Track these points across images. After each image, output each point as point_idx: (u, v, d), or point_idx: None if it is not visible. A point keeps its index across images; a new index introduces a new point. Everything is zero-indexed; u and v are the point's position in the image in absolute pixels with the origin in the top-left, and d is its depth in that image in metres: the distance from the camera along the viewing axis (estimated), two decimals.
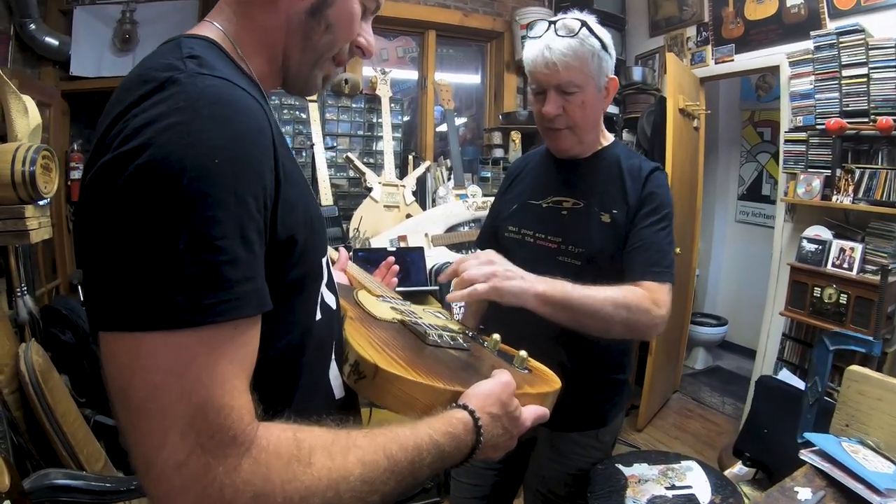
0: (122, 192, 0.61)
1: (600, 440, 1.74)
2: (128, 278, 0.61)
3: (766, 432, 2.67)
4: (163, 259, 0.60)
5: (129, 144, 0.62)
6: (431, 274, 3.25)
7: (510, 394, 0.91)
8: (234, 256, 0.64)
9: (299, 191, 0.81)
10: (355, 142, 4.12)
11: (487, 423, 0.85)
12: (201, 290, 0.61)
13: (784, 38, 3.61)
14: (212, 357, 0.62)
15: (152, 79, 0.68)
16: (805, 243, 3.31)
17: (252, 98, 0.72)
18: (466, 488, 1.89)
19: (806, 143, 3.45)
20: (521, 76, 4.79)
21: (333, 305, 0.99)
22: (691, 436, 3.97)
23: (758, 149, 5.37)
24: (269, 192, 0.70)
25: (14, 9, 3.50)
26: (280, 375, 0.83)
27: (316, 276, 0.89)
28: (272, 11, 0.85)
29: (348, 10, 0.87)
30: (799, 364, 3.42)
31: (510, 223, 1.75)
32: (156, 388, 0.60)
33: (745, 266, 5.41)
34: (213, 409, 0.61)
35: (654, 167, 1.62)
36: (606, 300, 1.37)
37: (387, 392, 0.85)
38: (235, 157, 0.65)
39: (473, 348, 1.10)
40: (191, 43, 0.78)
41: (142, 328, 0.60)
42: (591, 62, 1.51)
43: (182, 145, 0.62)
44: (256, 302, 0.67)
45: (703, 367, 5.20)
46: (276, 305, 0.72)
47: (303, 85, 0.93)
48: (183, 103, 0.65)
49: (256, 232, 0.67)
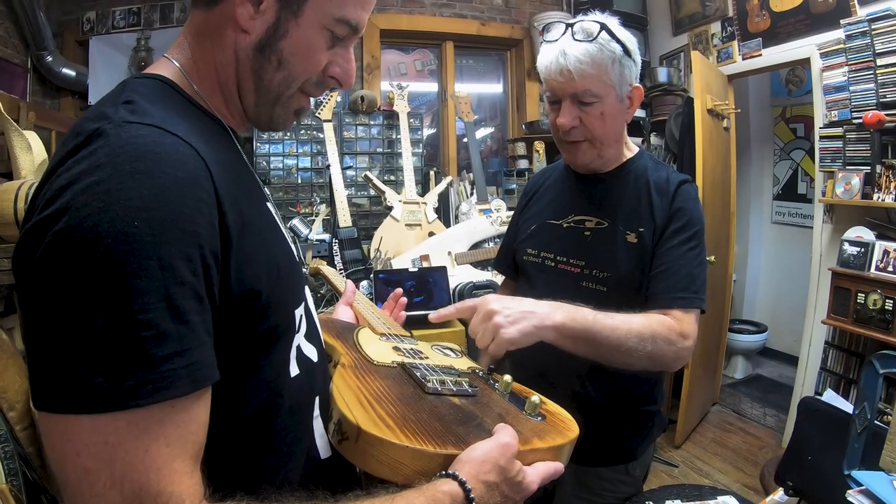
0: (40, 263, 0.58)
1: (630, 474, 1.63)
2: (51, 357, 0.58)
3: (809, 459, 2.51)
4: (82, 337, 0.56)
5: (49, 209, 0.59)
6: (455, 294, 3.18)
7: (510, 456, 0.80)
8: (159, 331, 0.59)
9: (261, 239, 0.75)
10: (375, 159, 4.10)
11: (481, 493, 0.76)
12: (123, 370, 0.57)
13: (813, 28, 3.48)
14: (143, 440, 0.58)
15: (82, 131, 0.64)
16: (846, 246, 3.14)
17: (185, 145, 0.66)
18: None
19: (842, 138, 3.30)
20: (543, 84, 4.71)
21: (315, 358, 0.92)
22: (732, 451, 3.83)
23: (791, 146, 5.21)
24: (208, 248, 0.64)
25: (30, 42, 3.57)
26: (249, 441, 0.77)
27: (287, 329, 0.82)
28: (220, 46, 0.79)
29: (306, 42, 0.79)
30: (843, 374, 3.26)
31: (529, 245, 1.65)
32: (87, 473, 0.57)
33: (783, 269, 5.26)
34: (150, 497, 0.58)
35: (682, 180, 1.51)
36: (630, 333, 1.26)
37: (371, 456, 0.77)
38: (158, 217, 0.60)
39: (481, 393, 1.01)
40: (135, 85, 0.73)
41: (68, 410, 0.57)
42: (610, 69, 1.39)
43: (99, 209, 0.58)
44: (189, 379, 0.61)
45: (743, 377, 5.05)
46: (238, 368, 0.68)
47: (266, 123, 0.87)
48: (103, 159, 0.60)
49: (192, 298, 0.62)
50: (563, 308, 1.22)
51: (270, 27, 0.77)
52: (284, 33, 0.78)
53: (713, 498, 1.66)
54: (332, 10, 0.79)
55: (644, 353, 1.27)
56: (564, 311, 1.21)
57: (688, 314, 1.38)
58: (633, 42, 1.43)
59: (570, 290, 1.50)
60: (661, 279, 1.42)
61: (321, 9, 0.78)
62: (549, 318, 1.18)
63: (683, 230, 1.45)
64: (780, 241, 5.38)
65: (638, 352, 1.26)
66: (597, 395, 1.49)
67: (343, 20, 0.80)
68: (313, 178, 3.93)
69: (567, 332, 1.20)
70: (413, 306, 2.82)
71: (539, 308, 1.20)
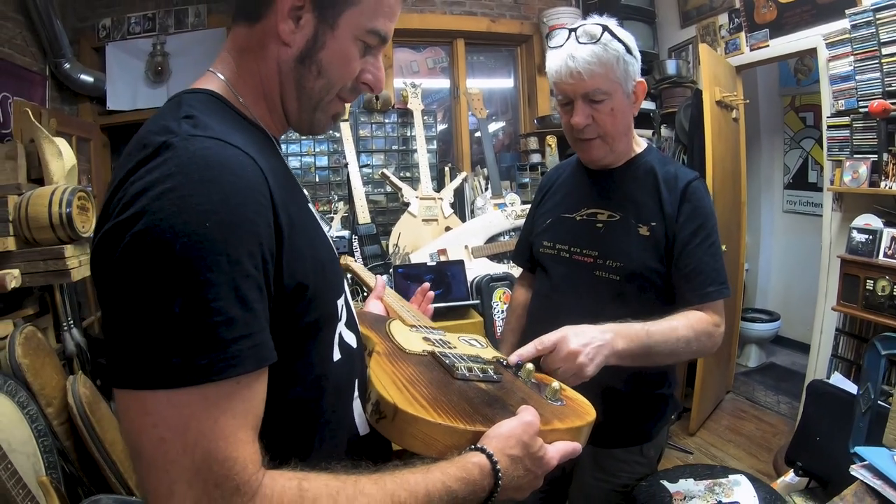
0: (121, 260, 0.65)
1: (645, 455, 1.70)
2: (133, 340, 0.65)
3: (818, 440, 2.57)
4: (161, 322, 0.64)
5: (126, 213, 0.66)
6: (473, 287, 3.24)
7: (533, 434, 0.89)
8: (229, 316, 0.66)
9: (308, 238, 0.83)
10: (391, 157, 4.15)
11: (507, 465, 0.85)
12: (198, 350, 0.64)
13: (819, 18, 3.48)
14: (213, 412, 0.65)
15: (149, 143, 0.71)
16: (855, 233, 3.16)
17: (245, 155, 0.74)
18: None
19: (850, 127, 3.30)
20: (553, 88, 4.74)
21: (354, 344, 1.00)
22: (745, 438, 3.87)
23: (801, 135, 5.20)
24: (267, 246, 0.72)
25: (48, 50, 3.61)
26: (298, 419, 0.85)
27: (331, 318, 0.90)
28: (263, 60, 0.87)
29: (342, 52, 0.87)
30: (854, 360, 3.28)
31: (545, 238, 1.73)
32: (162, 442, 0.64)
33: (795, 258, 5.24)
34: (217, 462, 0.65)
35: (691, 178, 1.58)
36: (679, 340, 1.40)
37: (406, 433, 0.85)
38: (226, 220, 0.67)
39: (505, 379, 1.09)
40: (190, 100, 0.80)
41: (147, 386, 0.64)
42: (616, 67, 1.47)
43: (173, 212, 0.65)
44: (254, 358, 0.69)
45: (756, 365, 5.05)
46: (289, 352, 0.75)
47: (308, 128, 0.95)
48: (174, 169, 0.67)
49: (255, 289, 0.70)
50: (621, 333, 1.32)
51: (310, 40, 0.85)
52: (322, 45, 0.85)
53: (725, 476, 1.71)
54: (363, 23, 0.86)
55: (690, 352, 1.44)
56: (623, 337, 1.31)
57: (717, 303, 1.52)
58: (632, 40, 1.52)
59: (585, 279, 1.58)
60: (690, 279, 1.52)
61: (354, 21, 0.85)
62: (614, 348, 1.28)
63: (702, 229, 1.53)
64: (791, 230, 5.37)
65: (685, 352, 1.43)
66: (612, 380, 1.54)
67: (374, 31, 0.88)
68: (331, 177, 3.99)
69: (627, 355, 1.31)
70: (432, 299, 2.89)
71: (605, 338, 1.28)
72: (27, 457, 2.07)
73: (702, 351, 1.48)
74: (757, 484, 1.67)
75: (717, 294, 1.51)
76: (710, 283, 1.51)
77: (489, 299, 3.27)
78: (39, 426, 2.20)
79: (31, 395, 2.23)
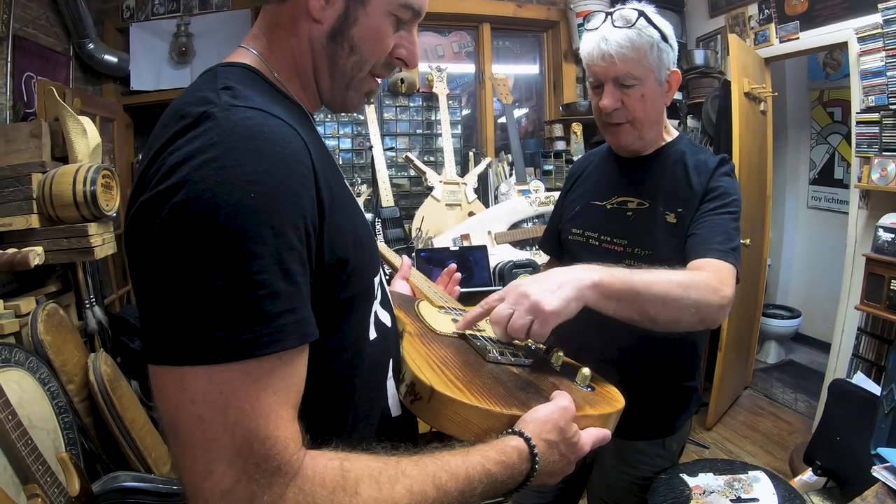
0: (160, 231, 0.63)
1: (667, 448, 1.69)
2: (171, 315, 0.63)
3: (838, 440, 2.53)
4: (203, 296, 0.62)
5: (166, 183, 0.64)
6: (495, 273, 3.22)
7: (569, 419, 0.89)
8: (273, 290, 0.64)
9: (347, 213, 0.81)
10: (415, 140, 4.13)
11: (544, 450, 0.84)
12: (241, 325, 0.62)
13: (851, 11, 3.41)
14: (254, 389, 0.63)
15: (188, 114, 0.69)
16: (881, 232, 3.09)
17: (287, 126, 0.72)
18: (529, 494, 1.84)
19: (879, 124, 3.25)
20: (580, 65, 4.68)
21: (389, 323, 0.99)
22: (762, 435, 3.84)
23: (828, 130, 5.14)
24: (310, 219, 0.70)
25: (72, 30, 3.61)
26: (334, 397, 0.84)
27: (367, 295, 0.89)
28: (295, 37, 0.85)
29: (374, 28, 0.85)
30: (875, 361, 3.23)
31: (574, 225, 1.71)
32: (202, 419, 0.62)
33: (818, 255, 5.20)
34: (258, 440, 0.63)
35: (720, 159, 1.55)
36: (672, 283, 1.19)
37: (442, 415, 0.84)
38: (271, 190, 0.65)
39: (536, 363, 1.07)
40: (226, 73, 0.78)
41: (186, 362, 0.62)
42: (649, 53, 1.44)
43: (217, 182, 0.63)
44: (298, 334, 0.67)
45: (775, 362, 5.04)
46: (326, 328, 0.74)
47: (341, 105, 0.93)
48: (217, 139, 0.65)
49: (299, 262, 0.68)
50: (597, 267, 1.14)
51: (341, 16, 0.83)
52: (354, 21, 0.83)
53: (744, 472, 1.71)
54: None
55: (690, 303, 1.20)
56: (600, 270, 1.13)
57: (725, 264, 1.34)
58: (669, 28, 1.49)
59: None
60: (695, 237, 1.43)
61: None
62: (586, 279, 1.10)
63: (719, 199, 1.48)
64: (815, 226, 5.32)
65: (684, 301, 1.19)
66: (638, 370, 1.55)
67: (407, 5, 0.86)
68: (354, 159, 3.98)
69: (607, 291, 1.11)
70: None
71: (573, 273, 1.12)
72: (47, 433, 2.07)
73: (708, 309, 1.24)
74: (776, 481, 1.66)
75: (720, 254, 1.35)
76: (717, 242, 1.38)
77: None
78: (60, 403, 2.20)
79: (52, 372, 2.23)
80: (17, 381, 2.02)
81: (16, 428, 1.77)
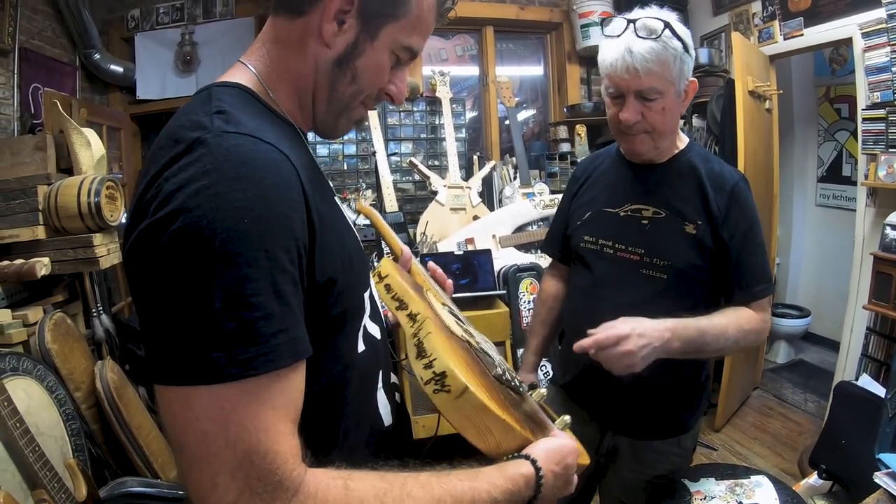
0: (160, 257, 0.66)
1: (682, 446, 1.71)
2: (172, 337, 0.66)
3: (843, 444, 2.50)
4: (201, 318, 0.65)
5: (164, 211, 0.67)
6: (500, 277, 3.22)
7: (574, 458, 0.93)
8: (267, 311, 0.67)
9: (336, 232, 0.84)
10: (419, 145, 4.15)
11: (549, 480, 0.87)
12: (238, 345, 0.65)
13: (855, 7, 3.38)
14: (253, 406, 0.67)
15: (182, 139, 0.72)
16: (889, 230, 3.05)
17: (277, 151, 0.74)
18: None
19: (885, 120, 3.21)
20: (584, 67, 4.69)
21: (378, 335, 1.01)
22: (771, 436, 3.80)
23: (836, 127, 5.09)
24: (301, 241, 0.73)
25: (77, 41, 3.66)
26: (325, 409, 0.86)
27: (357, 310, 0.92)
28: (301, 56, 0.87)
29: (377, 62, 0.88)
30: (884, 361, 3.17)
31: (585, 233, 1.69)
32: (205, 435, 0.65)
33: (828, 253, 5.13)
34: (258, 454, 0.66)
35: (737, 180, 1.55)
36: (728, 339, 1.43)
37: (465, 415, 0.83)
38: (263, 216, 0.68)
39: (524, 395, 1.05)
40: (220, 93, 0.81)
41: (188, 382, 0.65)
42: (673, 66, 1.42)
43: (212, 208, 0.66)
44: (292, 352, 0.70)
45: (785, 361, 4.98)
46: (318, 344, 0.76)
47: (330, 131, 0.96)
48: (209, 166, 0.68)
49: (291, 284, 0.71)
50: (678, 335, 1.35)
51: (350, 45, 0.86)
52: (361, 52, 0.86)
53: (746, 477, 1.70)
54: (401, 38, 0.88)
55: (736, 350, 1.49)
56: (679, 339, 1.35)
57: (766, 300, 1.54)
58: (689, 37, 1.47)
59: (631, 276, 1.56)
60: (741, 279, 1.53)
61: (394, 35, 0.87)
62: (667, 346, 1.33)
63: (750, 231, 1.53)
64: (824, 224, 5.26)
65: (731, 351, 1.51)
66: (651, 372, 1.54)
67: (408, 47, 0.90)
68: (359, 165, 4.00)
69: (682, 353, 1.37)
70: (459, 288, 2.88)
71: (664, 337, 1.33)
72: (55, 440, 2.10)
73: (747, 348, 1.52)
74: (779, 486, 1.66)
75: (765, 292, 1.53)
76: (759, 281, 1.53)
77: (516, 289, 3.25)
78: (67, 410, 2.23)
79: (59, 380, 2.27)
80: (25, 389, 2.05)
81: (24, 435, 1.80)
